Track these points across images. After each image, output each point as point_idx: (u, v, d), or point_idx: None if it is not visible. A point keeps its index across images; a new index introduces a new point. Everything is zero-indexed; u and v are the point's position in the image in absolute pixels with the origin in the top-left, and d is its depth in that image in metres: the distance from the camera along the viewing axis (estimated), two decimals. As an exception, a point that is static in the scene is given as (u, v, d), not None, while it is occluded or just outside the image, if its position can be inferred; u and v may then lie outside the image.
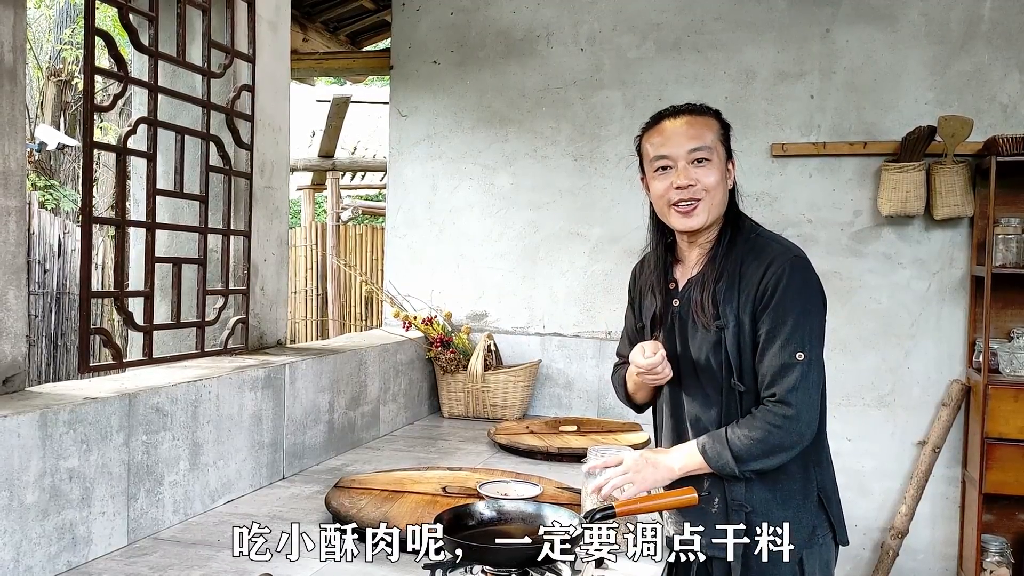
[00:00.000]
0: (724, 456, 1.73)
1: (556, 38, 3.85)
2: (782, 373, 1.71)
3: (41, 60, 10.88)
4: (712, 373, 1.81)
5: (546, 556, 1.54)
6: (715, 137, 1.84)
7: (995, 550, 3.31)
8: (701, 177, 1.81)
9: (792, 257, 1.77)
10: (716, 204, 1.83)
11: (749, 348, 1.76)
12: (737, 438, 1.72)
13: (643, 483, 1.76)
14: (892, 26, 3.51)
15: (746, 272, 1.79)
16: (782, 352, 1.71)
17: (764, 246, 1.81)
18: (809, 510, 1.80)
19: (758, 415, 1.72)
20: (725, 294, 1.79)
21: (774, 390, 1.71)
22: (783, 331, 1.72)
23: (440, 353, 3.55)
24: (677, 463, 1.79)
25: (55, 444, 1.71)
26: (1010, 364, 3.32)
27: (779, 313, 1.73)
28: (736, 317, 1.77)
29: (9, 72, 1.83)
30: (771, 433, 1.70)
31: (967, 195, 3.36)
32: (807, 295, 1.76)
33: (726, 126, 1.89)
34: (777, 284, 1.73)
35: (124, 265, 2.14)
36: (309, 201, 9.22)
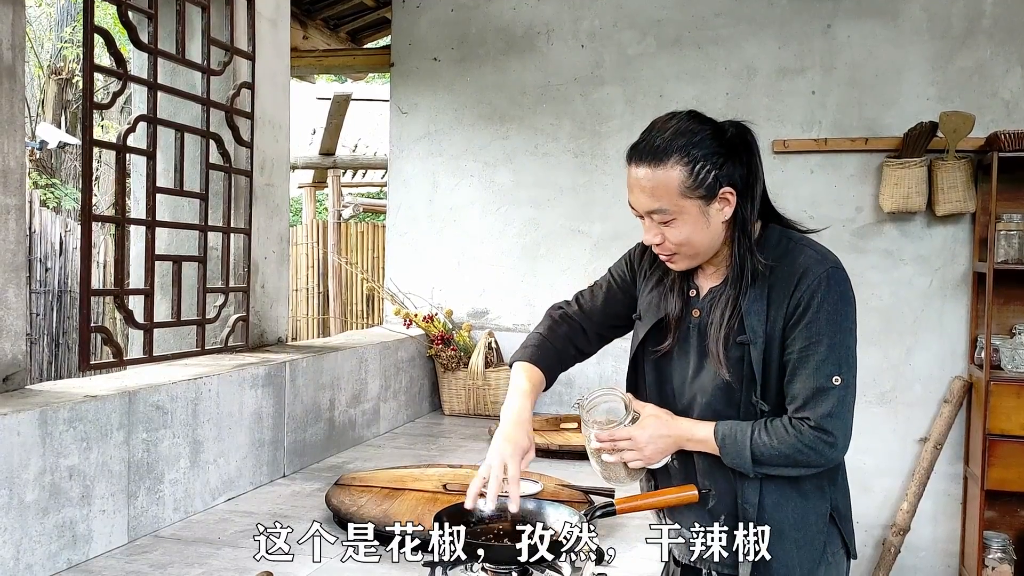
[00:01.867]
0: (743, 455, 1.62)
1: (556, 34, 3.84)
2: (817, 398, 1.58)
3: (42, 58, 10.88)
4: (730, 390, 1.67)
5: (546, 553, 1.54)
6: (677, 191, 1.58)
7: (997, 547, 3.31)
8: (668, 234, 1.64)
9: (829, 268, 1.62)
10: (700, 250, 1.66)
11: (776, 365, 1.63)
12: (763, 443, 1.61)
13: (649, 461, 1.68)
14: (893, 21, 3.50)
15: (776, 282, 1.63)
16: (817, 375, 1.58)
17: (797, 253, 1.65)
18: (821, 529, 1.72)
19: (791, 431, 1.60)
20: (752, 306, 1.64)
21: (808, 414, 1.58)
22: (818, 351, 1.58)
23: (441, 351, 3.55)
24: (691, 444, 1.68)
25: (55, 442, 1.71)
26: (1012, 360, 3.31)
27: (814, 331, 1.59)
28: (765, 332, 1.62)
29: (8, 70, 1.83)
30: (801, 452, 1.60)
31: (969, 191, 3.35)
32: (844, 311, 1.61)
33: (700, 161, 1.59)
34: (811, 298, 1.59)
35: (124, 263, 2.14)
36: (310, 199, 9.22)
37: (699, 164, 1.58)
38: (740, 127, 1.66)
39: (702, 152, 1.59)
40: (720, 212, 1.62)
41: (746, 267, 1.64)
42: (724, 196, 1.61)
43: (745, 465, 1.63)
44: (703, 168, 1.58)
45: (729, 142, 1.63)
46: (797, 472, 1.64)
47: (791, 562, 1.70)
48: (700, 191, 1.59)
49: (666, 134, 1.61)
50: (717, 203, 1.61)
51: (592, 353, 1.97)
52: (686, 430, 1.69)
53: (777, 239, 1.68)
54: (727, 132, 1.64)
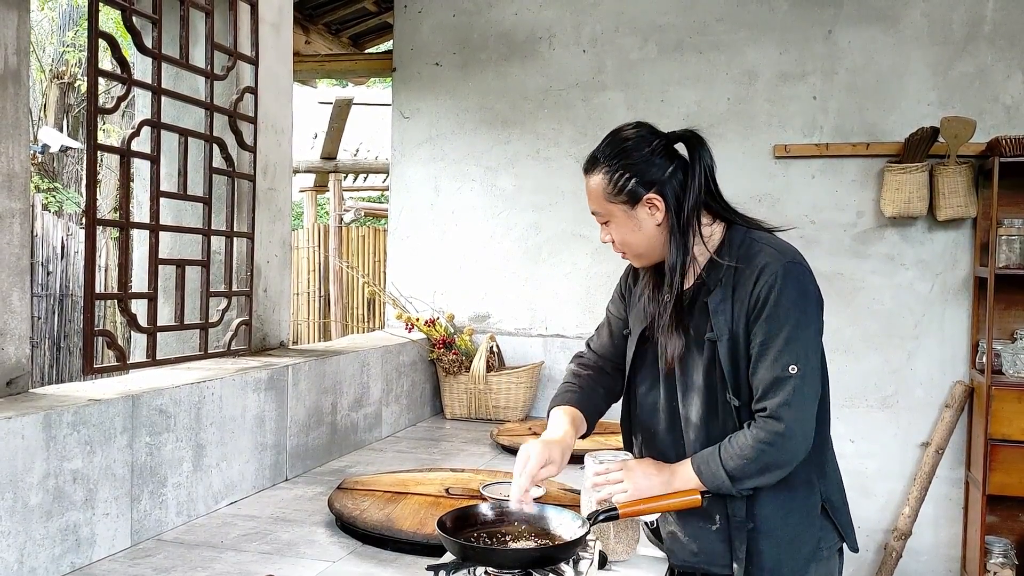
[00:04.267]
0: (719, 476, 1.66)
1: (558, 40, 3.85)
2: (774, 387, 1.63)
3: (44, 63, 10.90)
4: (707, 388, 1.74)
5: (549, 557, 1.54)
6: (602, 195, 1.73)
7: (999, 551, 3.30)
8: (612, 234, 1.79)
9: (785, 263, 1.67)
10: (642, 251, 1.78)
11: (744, 361, 1.68)
12: (730, 458, 1.65)
13: (638, 492, 1.71)
14: (894, 27, 3.51)
15: (739, 280, 1.70)
16: (775, 365, 1.63)
17: (757, 251, 1.71)
18: (813, 523, 1.75)
19: (749, 433, 1.65)
20: (719, 305, 1.71)
21: (765, 404, 1.64)
22: (776, 343, 1.63)
23: (443, 354, 3.55)
24: (677, 481, 1.72)
25: (59, 446, 1.71)
26: (1013, 365, 3.32)
27: (773, 324, 1.64)
28: (730, 329, 1.68)
29: (13, 74, 1.84)
30: (764, 452, 1.63)
31: (970, 196, 3.36)
32: (802, 305, 1.66)
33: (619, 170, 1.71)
34: (769, 293, 1.64)
35: (128, 267, 2.14)
36: (312, 203, 9.24)
37: (617, 172, 1.72)
38: (686, 136, 1.74)
39: (624, 162, 1.72)
40: (650, 216, 1.72)
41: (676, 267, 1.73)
42: (650, 201, 1.71)
43: (725, 486, 1.67)
44: (621, 176, 1.71)
45: (656, 151, 1.72)
46: (773, 477, 1.67)
47: (782, 557, 1.73)
48: (621, 196, 1.72)
49: (601, 145, 1.78)
50: (644, 208, 1.72)
51: (620, 390, 2.02)
52: (672, 470, 1.74)
53: (740, 240, 1.74)
54: (661, 142, 1.73)
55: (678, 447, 1.81)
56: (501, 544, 1.64)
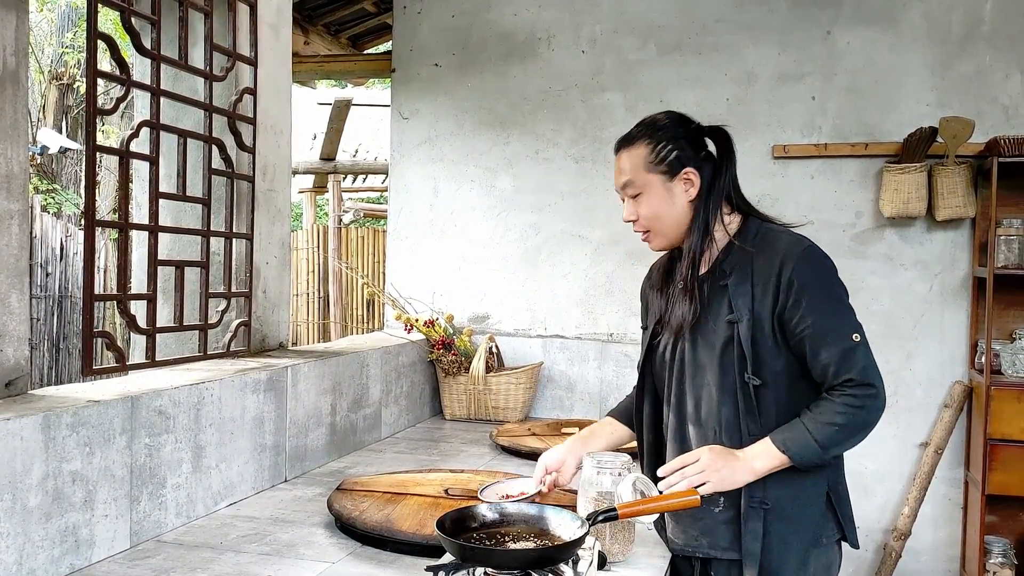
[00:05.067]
0: (810, 447, 1.70)
1: (557, 40, 3.85)
2: (847, 358, 1.70)
3: (43, 64, 10.90)
4: (723, 370, 1.79)
5: (548, 557, 1.54)
6: (642, 165, 1.84)
7: (998, 551, 3.31)
8: (639, 209, 1.86)
9: (807, 246, 1.78)
10: (670, 226, 1.86)
11: (769, 341, 1.75)
12: (819, 427, 1.70)
13: (721, 482, 1.72)
14: (893, 28, 3.51)
15: (758, 264, 1.78)
16: (840, 339, 1.71)
17: (774, 239, 1.82)
18: (819, 508, 1.79)
19: (837, 400, 1.70)
20: (738, 288, 1.78)
21: (850, 376, 1.70)
22: (830, 322, 1.72)
23: (442, 355, 3.55)
24: (758, 462, 1.73)
25: (58, 447, 1.71)
26: (1012, 365, 3.32)
27: (818, 304, 1.72)
28: (751, 310, 1.76)
29: (12, 75, 1.84)
30: (855, 415, 1.69)
31: (969, 196, 3.36)
32: (833, 280, 1.78)
33: (663, 141, 1.84)
34: (803, 276, 1.73)
35: (127, 268, 2.14)
36: (311, 204, 9.24)
37: (661, 143, 1.84)
38: (715, 128, 1.89)
39: (666, 135, 1.85)
40: (685, 192, 1.84)
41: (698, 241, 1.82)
42: (687, 176, 1.84)
43: (816, 456, 1.71)
44: (664, 147, 1.84)
45: (694, 133, 1.88)
46: (860, 439, 1.73)
47: (788, 539, 1.75)
48: (661, 167, 1.83)
49: (639, 125, 1.91)
50: (680, 183, 1.84)
51: None
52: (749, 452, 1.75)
53: (756, 229, 1.86)
54: (693, 124, 1.89)
55: (686, 432, 1.87)
56: (500, 545, 1.63)
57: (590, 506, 1.80)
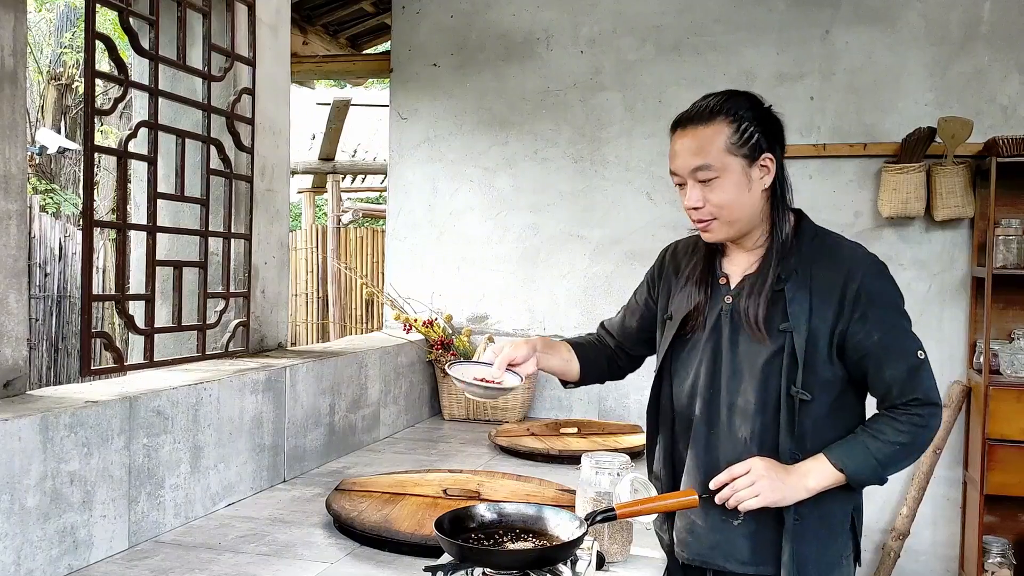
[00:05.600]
0: (868, 466, 1.63)
1: (556, 40, 3.85)
2: (913, 376, 1.64)
3: (41, 64, 10.90)
4: (765, 378, 1.68)
5: (547, 557, 1.54)
6: (723, 147, 1.64)
7: (997, 551, 3.31)
8: (709, 196, 1.67)
9: (871, 259, 1.71)
10: (739, 217, 1.70)
11: (822, 354, 1.65)
12: (881, 446, 1.63)
13: (773, 499, 1.63)
14: (891, 27, 3.52)
15: (818, 274, 1.68)
16: (906, 357, 1.65)
17: (835, 248, 1.72)
18: (845, 531, 1.75)
19: (901, 418, 1.64)
20: (795, 295, 1.67)
21: (915, 395, 1.64)
22: (896, 339, 1.65)
23: (441, 355, 3.55)
24: (812, 480, 1.64)
25: (56, 447, 1.71)
26: (1011, 365, 3.32)
27: (886, 320, 1.65)
28: (808, 321, 1.65)
29: (10, 76, 1.84)
30: (918, 435, 1.64)
31: (967, 196, 3.36)
32: (899, 295, 1.70)
33: (746, 121, 1.66)
34: (871, 291, 1.65)
35: (125, 268, 2.14)
36: (310, 204, 9.23)
37: (745, 123, 1.66)
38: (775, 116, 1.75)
39: (749, 114, 1.67)
40: (760, 180, 1.69)
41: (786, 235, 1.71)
42: (764, 163, 1.68)
43: (875, 476, 1.65)
44: (748, 127, 1.66)
45: (768, 113, 1.72)
46: (914, 460, 1.69)
47: (816, 558, 1.70)
48: (744, 150, 1.65)
49: (715, 98, 1.69)
50: (758, 168, 1.68)
51: (625, 370, 2.07)
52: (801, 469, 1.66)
53: (813, 231, 1.76)
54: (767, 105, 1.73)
55: (709, 437, 1.77)
56: (499, 545, 1.63)
57: (588, 506, 1.80)
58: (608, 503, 1.76)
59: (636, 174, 3.75)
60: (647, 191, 3.73)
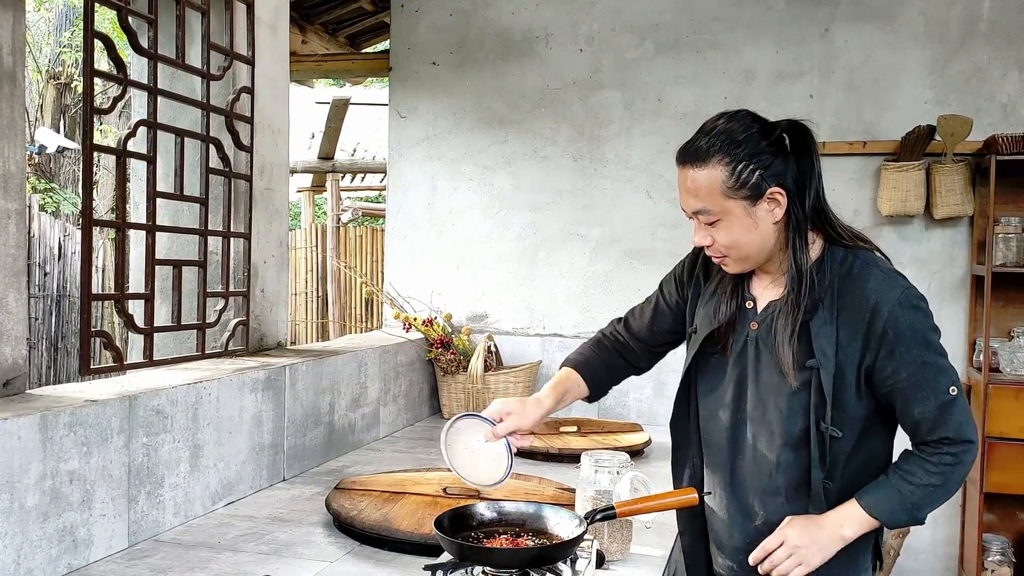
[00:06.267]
0: (903, 510, 1.57)
1: (555, 39, 3.85)
2: (944, 414, 1.56)
3: (40, 63, 10.89)
4: (791, 414, 1.62)
5: (547, 556, 1.54)
6: (719, 191, 1.56)
7: (996, 549, 3.31)
8: (716, 235, 1.60)
9: (903, 290, 1.58)
10: (749, 254, 1.62)
11: (851, 391, 1.58)
12: (914, 489, 1.57)
13: (814, 562, 1.58)
14: (891, 25, 3.51)
15: (846, 306, 1.58)
16: (936, 393, 1.56)
17: (866, 276, 1.59)
18: (866, 552, 1.70)
19: (931, 459, 1.57)
20: (822, 329, 1.58)
21: (946, 433, 1.56)
22: (927, 372, 1.56)
23: (440, 354, 3.55)
24: (848, 529, 1.59)
25: (55, 446, 1.71)
26: (1011, 363, 3.32)
27: (915, 356, 1.55)
28: (835, 356, 1.57)
29: (8, 75, 1.83)
30: (952, 474, 1.57)
31: (967, 194, 3.36)
32: (928, 328, 1.59)
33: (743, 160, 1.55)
34: (898, 326, 1.55)
35: (124, 268, 2.14)
36: (309, 203, 9.23)
37: (741, 164, 1.55)
38: (795, 125, 1.62)
39: (745, 152, 1.56)
40: (770, 213, 1.58)
41: (804, 271, 1.59)
42: (773, 196, 1.57)
43: (909, 518, 1.60)
44: (745, 168, 1.55)
45: (777, 141, 1.59)
46: (950, 497, 1.61)
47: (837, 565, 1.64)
48: (743, 191, 1.56)
49: (711, 135, 1.59)
50: (765, 203, 1.57)
51: (645, 367, 1.98)
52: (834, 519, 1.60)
53: (842, 258, 1.63)
54: (776, 131, 1.60)
55: (735, 461, 1.72)
56: (499, 543, 1.63)
57: (588, 505, 1.80)
58: (608, 501, 1.76)
59: (636, 172, 3.75)
60: (647, 189, 3.73)
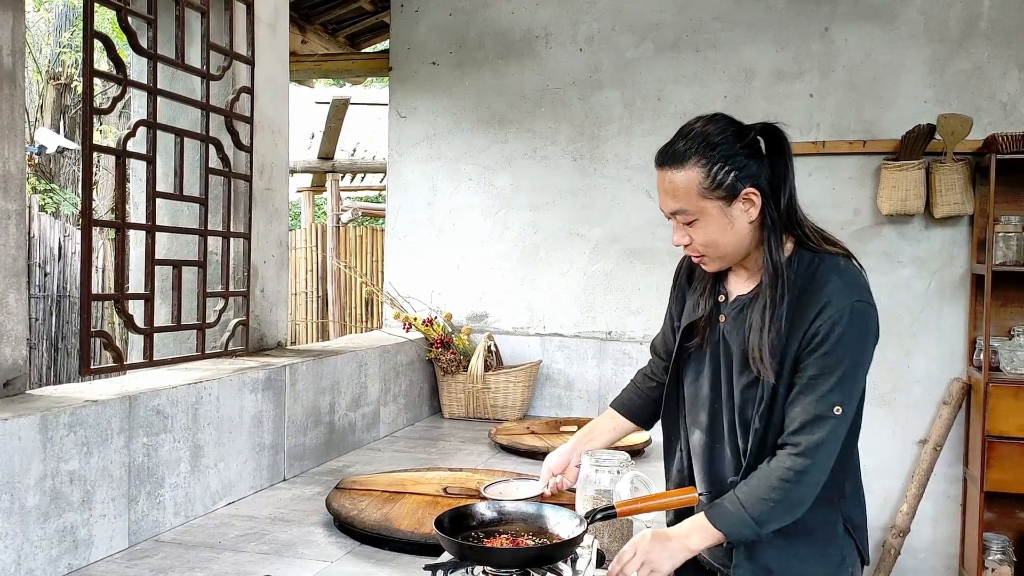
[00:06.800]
0: (745, 523, 1.60)
1: (555, 38, 3.85)
2: (813, 424, 1.58)
3: (40, 63, 10.89)
4: (742, 408, 1.69)
5: (547, 556, 1.54)
6: (696, 192, 1.61)
7: (997, 548, 3.31)
8: (693, 235, 1.66)
9: (854, 301, 1.59)
10: (726, 252, 1.67)
11: (784, 388, 1.62)
12: (755, 504, 1.60)
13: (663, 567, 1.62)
14: (891, 24, 3.51)
15: (800, 306, 1.61)
16: (820, 403, 1.58)
17: (824, 280, 1.62)
18: (836, 542, 1.72)
19: (772, 474, 1.60)
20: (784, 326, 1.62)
21: (800, 440, 1.59)
22: (827, 382, 1.58)
23: (440, 354, 3.55)
24: (693, 540, 1.64)
25: (56, 447, 1.71)
26: (1011, 362, 3.32)
27: (828, 362, 1.58)
28: (780, 353, 1.62)
29: (8, 75, 1.83)
30: (789, 492, 1.59)
31: (967, 193, 3.36)
32: (863, 346, 1.60)
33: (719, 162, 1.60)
34: (831, 330, 1.57)
35: (124, 268, 2.14)
36: (309, 203, 9.22)
37: (716, 165, 1.60)
38: (769, 128, 1.66)
39: (720, 153, 1.61)
40: (745, 213, 1.63)
41: (780, 268, 1.63)
42: (747, 197, 1.62)
43: (753, 533, 1.61)
44: (720, 169, 1.60)
45: (752, 144, 1.64)
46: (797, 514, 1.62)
47: (805, 572, 1.70)
48: (719, 191, 1.61)
49: (687, 138, 1.64)
50: (740, 203, 1.62)
51: None
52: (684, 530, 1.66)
53: (809, 261, 1.66)
54: (751, 133, 1.65)
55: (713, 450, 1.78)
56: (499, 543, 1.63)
57: (588, 504, 1.80)
58: (608, 501, 1.76)
59: (635, 172, 3.75)
60: (646, 189, 3.72)
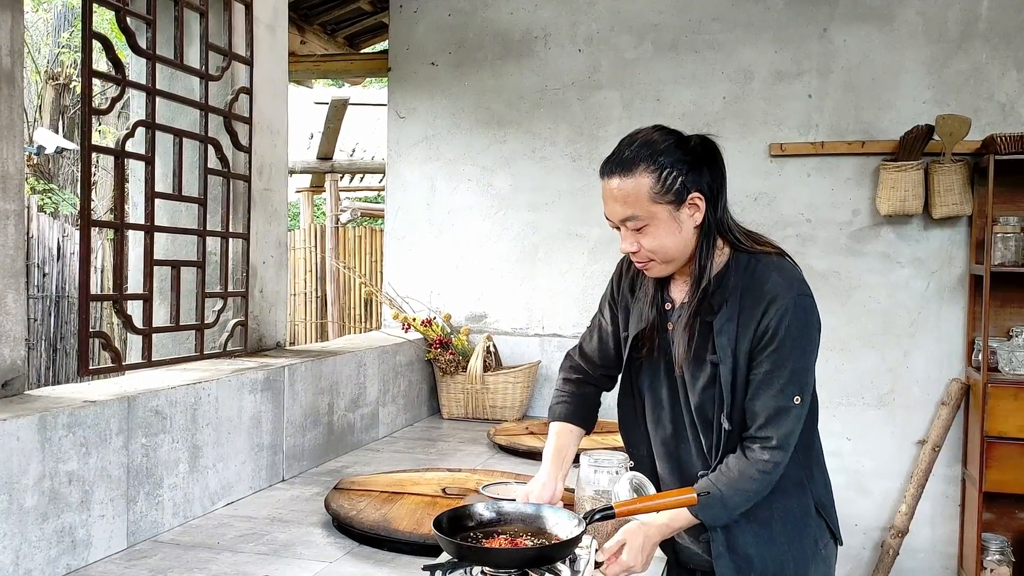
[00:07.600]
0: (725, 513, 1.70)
1: (554, 39, 3.85)
2: (778, 417, 1.66)
3: (39, 64, 10.88)
4: (700, 409, 1.75)
5: (546, 556, 1.54)
6: (647, 197, 1.65)
7: (995, 549, 3.31)
8: (642, 241, 1.70)
9: (796, 296, 1.67)
10: (674, 256, 1.72)
11: (742, 387, 1.70)
12: (734, 494, 1.68)
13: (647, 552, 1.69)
14: (889, 25, 3.51)
15: (745, 305, 1.69)
16: (780, 395, 1.66)
17: (764, 278, 1.70)
18: (810, 524, 1.78)
19: (751, 467, 1.68)
20: (724, 326, 1.70)
21: (770, 433, 1.66)
22: (783, 374, 1.66)
23: (439, 354, 3.55)
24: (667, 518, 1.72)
25: (54, 447, 1.71)
26: (1009, 362, 3.32)
27: (780, 356, 1.66)
28: (733, 352, 1.69)
29: (7, 75, 1.83)
30: (764, 480, 1.68)
31: (965, 194, 3.36)
32: (809, 336, 1.69)
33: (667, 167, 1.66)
34: (779, 325, 1.65)
35: (123, 268, 2.14)
36: (308, 203, 9.22)
37: (666, 171, 1.66)
38: (705, 139, 1.73)
39: (668, 160, 1.67)
40: (691, 217, 1.70)
41: (705, 271, 1.71)
42: (693, 201, 1.68)
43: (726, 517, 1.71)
44: (669, 174, 1.66)
45: (693, 151, 1.70)
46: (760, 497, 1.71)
47: (783, 556, 1.76)
48: (669, 196, 1.66)
49: (633, 146, 1.69)
50: (687, 208, 1.69)
51: (611, 388, 2.07)
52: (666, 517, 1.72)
53: (746, 263, 1.73)
54: (691, 142, 1.71)
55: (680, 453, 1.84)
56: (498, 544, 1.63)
57: (587, 504, 1.80)
58: (607, 501, 1.76)
59: (634, 172, 3.74)
60: (645, 189, 3.72)
